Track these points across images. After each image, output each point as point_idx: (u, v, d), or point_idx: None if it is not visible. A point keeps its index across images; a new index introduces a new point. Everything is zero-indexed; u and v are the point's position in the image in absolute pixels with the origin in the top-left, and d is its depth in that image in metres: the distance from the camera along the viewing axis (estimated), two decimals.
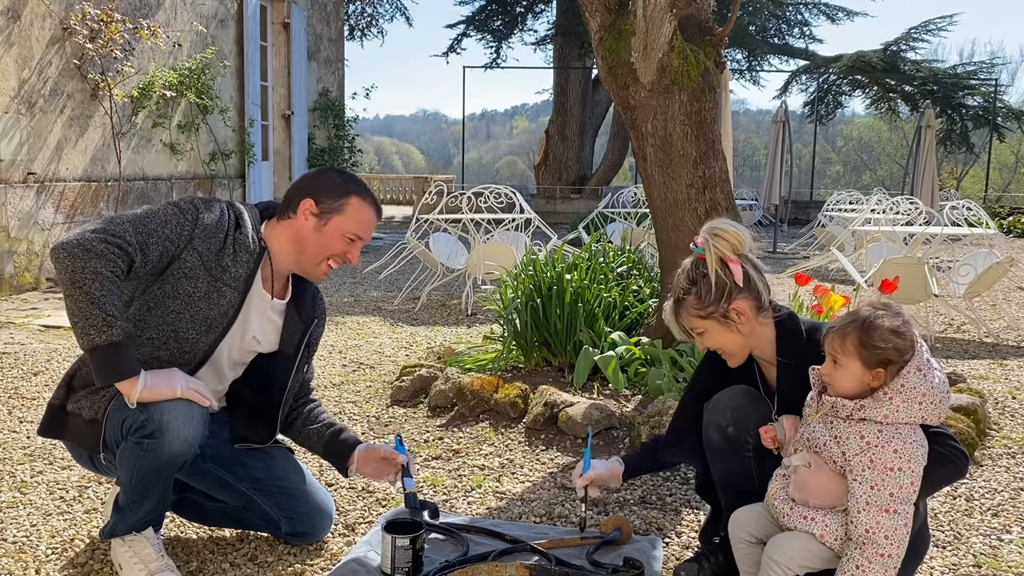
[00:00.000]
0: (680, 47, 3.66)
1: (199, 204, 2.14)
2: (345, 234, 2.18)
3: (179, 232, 2.06)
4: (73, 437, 2.17)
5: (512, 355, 4.16)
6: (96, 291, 1.88)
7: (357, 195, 2.19)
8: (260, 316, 2.24)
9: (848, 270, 5.76)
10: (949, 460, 1.80)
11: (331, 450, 2.39)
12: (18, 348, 4.96)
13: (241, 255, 2.14)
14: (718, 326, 2.00)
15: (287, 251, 2.21)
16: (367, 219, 2.21)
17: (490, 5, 20.01)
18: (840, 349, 1.80)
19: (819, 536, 1.82)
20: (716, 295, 1.97)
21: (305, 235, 2.18)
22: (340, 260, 2.23)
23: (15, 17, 6.83)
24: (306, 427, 2.42)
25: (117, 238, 1.94)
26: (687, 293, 2.01)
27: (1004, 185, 35.08)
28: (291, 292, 2.31)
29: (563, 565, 2.18)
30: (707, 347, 2.08)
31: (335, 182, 2.20)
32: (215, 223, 2.12)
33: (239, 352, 2.26)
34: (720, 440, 2.07)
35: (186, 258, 2.07)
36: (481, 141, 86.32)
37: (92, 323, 1.89)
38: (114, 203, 8.04)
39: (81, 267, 1.88)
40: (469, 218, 6.73)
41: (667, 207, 3.83)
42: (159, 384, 1.99)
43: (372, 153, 62.84)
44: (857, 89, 20.64)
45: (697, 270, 2.01)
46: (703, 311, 1.99)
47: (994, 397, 3.95)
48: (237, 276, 2.13)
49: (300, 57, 11.59)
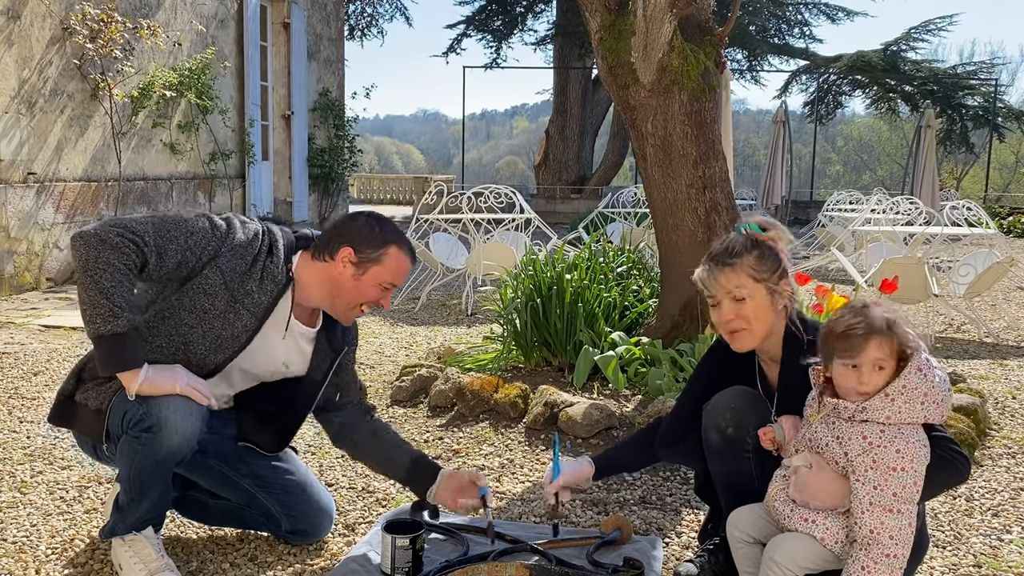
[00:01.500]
0: (680, 47, 3.66)
1: (234, 222, 2.14)
2: (381, 283, 2.19)
3: (203, 245, 2.06)
4: (80, 426, 2.20)
5: (512, 355, 4.16)
6: (106, 281, 1.90)
7: (396, 244, 2.19)
8: (284, 342, 2.24)
9: (848, 270, 5.76)
10: (951, 464, 1.80)
11: (413, 475, 2.39)
12: (18, 348, 4.96)
13: (267, 283, 2.14)
14: (764, 295, 1.99)
15: (320, 291, 2.21)
16: (404, 268, 2.22)
17: (490, 5, 20.00)
18: (890, 353, 1.78)
19: (820, 538, 1.82)
20: (774, 264, 2.00)
21: (342, 282, 2.18)
22: (372, 305, 2.24)
23: (15, 17, 6.83)
24: (380, 448, 2.41)
25: (136, 235, 1.95)
26: (748, 251, 2.00)
27: (1004, 185, 35.07)
28: (322, 320, 2.31)
29: (563, 565, 2.18)
30: (731, 319, 2.00)
31: (374, 231, 2.19)
32: (245, 244, 2.12)
33: (255, 373, 2.27)
34: (720, 441, 2.07)
35: (208, 274, 2.07)
36: (481, 141, 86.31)
37: (99, 312, 1.91)
38: (114, 203, 8.04)
39: (95, 256, 1.90)
40: (469, 218, 6.73)
41: (667, 207, 3.83)
42: (160, 379, 2.00)
43: (372, 153, 62.86)
44: (857, 89, 20.64)
45: (756, 240, 2.02)
46: (760, 274, 1.99)
47: (994, 397, 3.95)
48: (258, 303, 2.14)
49: (300, 57, 11.59)
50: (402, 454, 2.41)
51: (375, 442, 2.42)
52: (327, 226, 2.25)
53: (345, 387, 2.42)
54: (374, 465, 2.46)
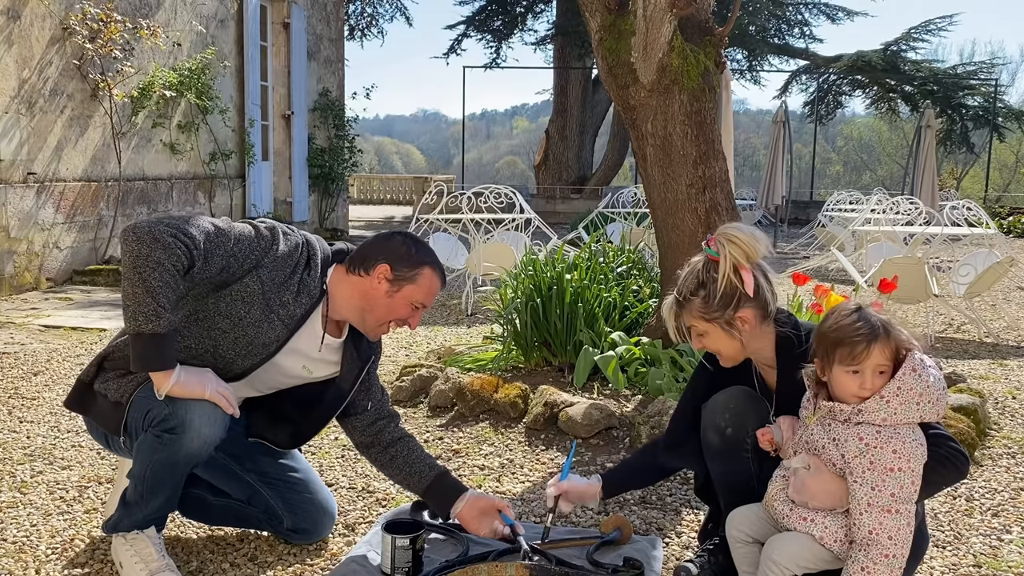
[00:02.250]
0: (680, 47, 3.66)
1: (278, 233, 2.16)
2: (413, 302, 2.21)
3: (248, 254, 2.07)
4: (96, 415, 2.20)
5: (512, 355, 4.16)
6: (154, 281, 1.90)
7: (430, 266, 2.22)
8: (312, 352, 2.25)
9: (848, 270, 5.77)
10: (949, 461, 1.80)
11: (434, 492, 2.36)
12: (18, 348, 4.96)
13: (303, 296, 2.16)
14: (720, 331, 1.98)
15: (352, 305, 2.22)
16: (435, 290, 2.25)
17: (490, 5, 20.01)
18: (890, 356, 1.78)
19: (819, 538, 1.82)
20: (724, 302, 1.95)
21: (376, 297, 2.19)
22: (400, 324, 2.26)
23: (15, 17, 6.83)
24: (404, 461, 2.38)
25: (187, 237, 1.96)
26: (694, 294, 1.98)
27: (1004, 185, 35.08)
28: (348, 330, 2.31)
29: (563, 565, 2.18)
30: (703, 348, 2.06)
31: (411, 251, 2.21)
32: (286, 256, 2.14)
33: (279, 380, 2.29)
34: (719, 441, 2.07)
35: (248, 283, 2.08)
36: (481, 141, 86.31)
37: (142, 310, 1.91)
38: (114, 203, 8.04)
39: (146, 254, 1.90)
40: (469, 218, 6.73)
41: (667, 207, 3.83)
42: (191, 382, 2.02)
43: (372, 153, 62.86)
44: (857, 89, 20.65)
45: (708, 273, 1.97)
46: (708, 315, 1.97)
47: (994, 397, 3.95)
48: (292, 314, 2.15)
49: (300, 57, 11.59)
50: (425, 468, 2.37)
51: (399, 452, 2.40)
52: (363, 243, 2.27)
53: (372, 395, 2.43)
54: (395, 475, 2.42)
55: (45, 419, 3.60)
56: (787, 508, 1.88)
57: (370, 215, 20.31)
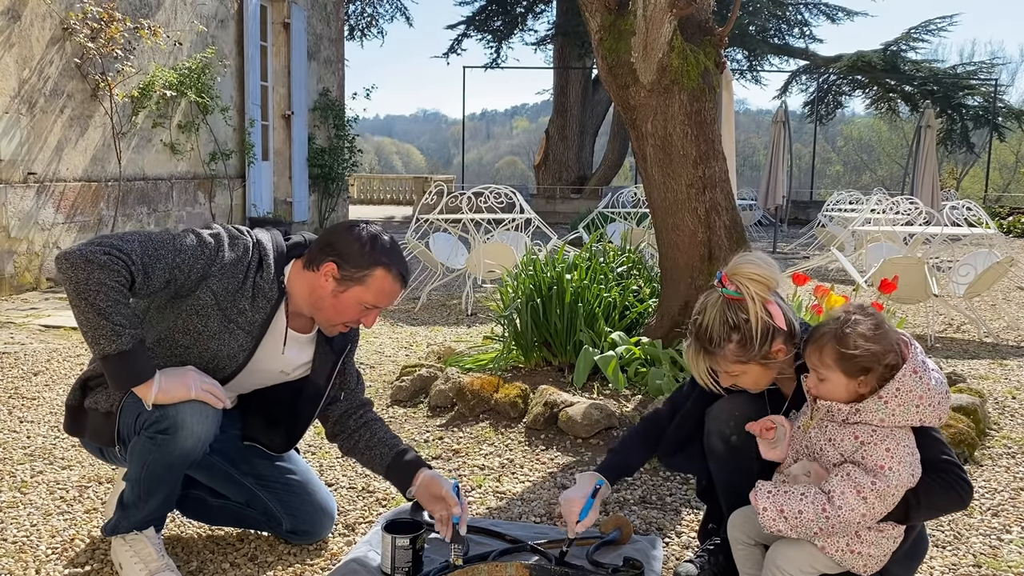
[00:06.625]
0: (680, 47, 3.66)
1: (223, 240, 2.08)
2: (362, 304, 2.11)
3: (192, 264, 2.01)
4: (91, 433, 2.18)
5: (512, 355, 4.16)
6: (101, 302, 1.87)
7: (383, 267, 2.09)
8: (283, 351, 2.21)
9: (848, 270, 5.76)
10: (953, 489, 1.78)
11: (393, 471, 2.31)
12: (18, 348, 4.96)
13: (259, 300, 2.10)
14: (758, 368, 1.91)
15: (305, 301, 2.16)
16: (389, 291, 2.11)
17: (490, 5, 20.02)
18: (820, 363, 1.78)
19: (820, 547, 1.82)
20: (762, 339, 1.87)
21: (322, 296, 2.11)
22: (354, 325, 2.18)
23: (15, 17, 6.83)
24: (366, 444, 2.34)
25: (121, 252, 1.91)
26: (728, 341, 1.87)
27: (1004, 185, 35.07)
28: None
29: (563, 565, 2.18)
30: (734, 384, 1.97)
31: (364, 249, 2.08)
32: (235, 262, 2.07)
33: (258, 382, 2.27)
34: (723, 448, 2.06)
35: (200, 295, 2.04)
36: (481, 141, 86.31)
37: (101, 333, 1.88)
38: (114, 203, 8.04)
39: (84, 279, 1.86)
40: (469, 218, 6.73)
41: (667, 207, 3.83)
42: (173, 386, 1.99)
43: (372, 153, 62.87)
44: (857, 89, 20.65)
45: (737, 315, 1.87)
46: (745, 356, 1.89)
47: (994, 397, 3.95)
48: (252, 321, 2.10)
49: (300, 57, 11.59)
50: (385, 448, 2.32)
51: (361, 436, 2.36)
52: (322, 232, 2.20)
53: (347, 384, 2.40)
54: (361, 459, 2.38)
55: (45, 419, 3.60)
56: None
57: (370, 215, 20.31)
